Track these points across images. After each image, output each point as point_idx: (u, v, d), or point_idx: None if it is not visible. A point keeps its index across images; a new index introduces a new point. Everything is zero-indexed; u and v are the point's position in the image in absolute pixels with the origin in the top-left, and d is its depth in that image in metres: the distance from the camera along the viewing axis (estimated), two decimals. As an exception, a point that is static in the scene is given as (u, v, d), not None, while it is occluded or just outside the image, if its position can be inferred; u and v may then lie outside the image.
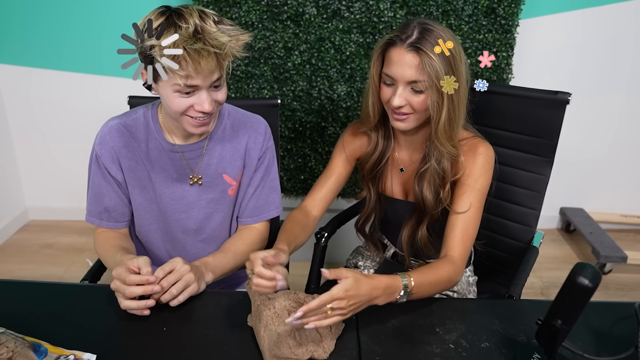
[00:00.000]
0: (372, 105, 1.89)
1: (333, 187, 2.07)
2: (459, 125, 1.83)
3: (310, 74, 3.29)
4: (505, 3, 3.12)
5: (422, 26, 1.72)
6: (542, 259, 2.78)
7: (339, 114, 3.37)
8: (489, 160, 1.87)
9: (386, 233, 2.21)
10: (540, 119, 2.16)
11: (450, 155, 1.85)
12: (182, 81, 1.57)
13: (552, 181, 2.25)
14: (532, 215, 2.27)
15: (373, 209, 2.10)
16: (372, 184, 2.07)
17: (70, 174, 4.11)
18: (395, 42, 1.74)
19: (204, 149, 1.90)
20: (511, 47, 3.24)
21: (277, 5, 3.14)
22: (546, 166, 2.19)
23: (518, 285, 2.02)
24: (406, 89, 1.75)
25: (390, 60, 1.76)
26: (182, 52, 1.52)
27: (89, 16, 3.62)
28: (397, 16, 3.15)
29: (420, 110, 1.78)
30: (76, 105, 3.91)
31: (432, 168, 1.88)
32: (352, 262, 2.29)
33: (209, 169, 1.92)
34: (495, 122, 2.08)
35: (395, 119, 1.82)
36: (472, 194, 1.84)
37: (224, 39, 1.57)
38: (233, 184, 1.96)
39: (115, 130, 1.87)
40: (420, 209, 1.95)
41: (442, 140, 1.81)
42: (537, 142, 2.19)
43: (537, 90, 2.18)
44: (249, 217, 2.02)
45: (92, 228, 2.00)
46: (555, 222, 4.34)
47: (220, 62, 1.60)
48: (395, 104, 1.76)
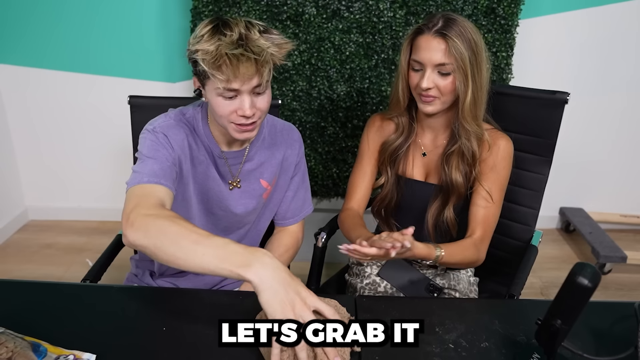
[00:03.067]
0: (401, 91, 2.02)
1: (369, 185, 2.22)
2: (482, 106, 1.98)
3: (309, 74, 3.28)
4: (505, 3, 3.13)
5: (447, 16, 1.89)
6: (542, 259, 2.78)
7: (339, 114, 3.37)
8: (510, 152, 2.02)
9: (400, 219, 2.22)
10: (540, 119, 2.20)
11: (476, 135, 1.98)
12: (222, 85, 1.65)
13: (552, 181, 2.26)
14: (531, 214, 2.29)
15: (390, 191, 2.16)
16: (391, 167, 2.15)
17: (70, 173, 4.12)
18: (423, 30, 1.90)
19: (244, 156, 1.98)
20: (511, 47, 3.25)
21: (276, 5, 3.14)
22: (545, 166, 2.22)
23: (518, 284, 2.03)
24: (434, 72, 1.90)
25: (418, 47, 1.91)
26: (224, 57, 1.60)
27: (89, 15, 3.62)
28: (397, 16, 3.15)
29: (447, 93, 1.92)
30: (76, 105, 3.91)
31: (463, 145, 1.99)
32: (355, 259, 2.26)
33: (249, 175, 2.01)
34: (495, 121, 2.09)
35: (423, 101, 1.95)
36: (495, 184, 2.00)
37: (264, 45, 1.63)
38: (268, 188, 2.05)
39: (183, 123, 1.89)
40: (447, 190, 2.04)
41: (468, 119, 1.95)
42: (536, 142, 2.21)
43: (536, 90, 2.22)
44: (291, 217, 2.16)
45: (92, 228, 2.00)
46: (555, 222, 4.34)
47: (260, 68, 1.66)
48: (424, 85, 1.90)
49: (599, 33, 3.68)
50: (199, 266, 1.35)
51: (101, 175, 4.10)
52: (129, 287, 1.88)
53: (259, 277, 1.29)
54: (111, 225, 4.10)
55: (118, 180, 3.24)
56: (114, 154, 3.99)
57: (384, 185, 2.17)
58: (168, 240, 1.41)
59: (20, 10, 3.62)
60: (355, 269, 2.25)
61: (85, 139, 4.00)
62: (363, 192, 2.21)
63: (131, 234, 1.45)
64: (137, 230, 1.45)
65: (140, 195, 1.59)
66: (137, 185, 1.63)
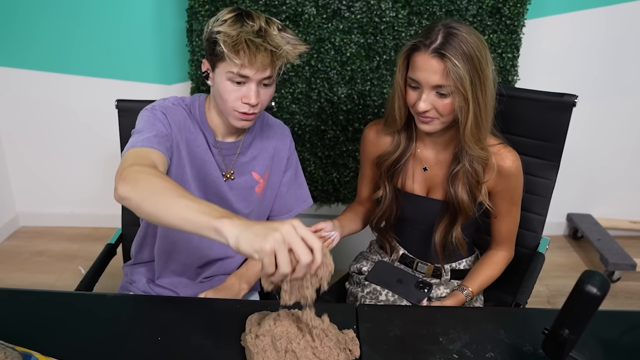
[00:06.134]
0: (398, 110, 1.96)
1: (371, 186, 2.25)
2: (487, 129, 1.90)
3: (309, 75, 3.29)
4: (510, 3, 3.12)
5: (447, 30, 1.78)
6: (549, 266, 2.78)
7: (339, 117, 3.36)
8: (519, 168, 2.00)
9: (399, 233, 2.22)
10: (546, 122, 2.19)
11: (481, 159, 1.94)
12: (236, 69, 1.75)
13: (559, 186, 2.26)
14: (537, 220, 2.29)
15: (389, 207, 2.14)
16: (389, 181, 2.12)
17: (61, 179, 4.13)
18: (419, 47, 1.80)
19: (239, 148, 2.04)
20: (517, 48, 3.24)
21: (275, 4, 3.14)
22: (552, 170, 2.21)
23: (525, 292, 2.04)
24: (431, 93, 1.82)
25: (414, 65, 1.83)
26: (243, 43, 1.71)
27: (80, 13, 3.62)
28: (399, 16, 3.15)
29: (446, 114, 1.85)
30: (68, 108, 3.91)
31: (465, 169, 1.96)
32: (356, 267, 2.28)
33: (242, 167, 2.06)
34: (500, 124, 2.08)
35: (421, 121, 1.90)
36: (511, 201, 2.04)
37: (281, 42, 1.74)
38: (260, 181, 2.10)
39: (182, 107, 1.97)
40: (454, 209, 2.02)
41: (470, 144, 1.89)
42: (543, 146, 2.21)
43: (543, 93, 2.21)
44: (286, 213, 2.21)
45: (85, 234, 2.01)
46: (562, 229, 4.33)
47: (274, 61, 1.76)
48: (420, 108, 1.83)
49: (609, 33, 3.67)
50: (179, 216, 1.33)
51: (93, 181, 4.10)
52: (123, 296, 1.88)
53: (235, 226, 1.24)
54: (104, 232, 4.07)
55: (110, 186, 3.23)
56: (106, 158, 3.99)
57: (382, 200, 2.16)
58: (154, 192, 1.42)
59: (5, 10, 3.63)
60: (355, 277, 2.25)
61: (77, 144, 4.00)
62: (368, 192, 2.27)
63: (121, 187, 1.47)
64: (127, 183, 1.46)
65: (135, 156, 1.63)
66: (132, 149, 1.68)
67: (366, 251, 2.36)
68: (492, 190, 2.01)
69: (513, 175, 1.98)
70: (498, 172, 1.96)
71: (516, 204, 2.04)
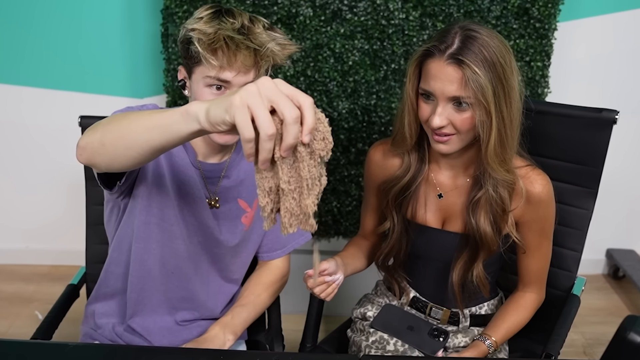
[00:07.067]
0: (408, 126, 1.94)
1: (377, 217, 2.23)
2: (512, 148, 1.89)
3: (305, 87, 3.27)
4: (540, 2, 3.11)
5: (465, 33, 1.77)
6: (585, 311, 2.78)
7: (340, 137, 3.35)
8: (550, 194, 1.99)
9: (409, 272, 2.21)
10: (582, 142, 2.19)
11: (507, 184, 1.91)
12: (214, 72, 1.75)
13: (597, 217, 2.26)
14: (572, 257, 2.29)
15: (397, 241, 2.12)
16: (398, 211, 2.10)
17: (13, 208, 4.10)
18: (433, 52, 1.79)
19: (223, 169, 2.04)
20: (548, 56, 3.24)
21: (264, 5, 3.13)
22: (589, 199, 2.22)
23: (557, 342, 2.03)
24: (447, 106, 1.80)
25: (428, 74, 1.81)
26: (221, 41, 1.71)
27: (27, 15, 3.59)
28: (410, 18, 3.15)
29: (465, 130, 1.83)
30: (17, 126, 3.86)
31: (489, 196, 1.93)
32: (360, 312, 2.27)
33: (227, 193, 2.06)
34: (528, 145, 2.07)
35: (436, 140, 1.87)
36: (542, 234, 2.03)
37: (266, 40, 1.74)
38: (248, 210, 2.10)
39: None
40: (474, 243, 2.00)
41: (493, 166, 1.86)
42: (578, 170, 2.21)
43: (578, 108, 2.21)
44: (278, 249, 2.22)
45: (42, 273, 2.02)
46: (601, 267, 4.31)
47: (258, 61, 1.76)
48: (435, 124, 1.81)
49: (655, 39, 3.66)
50: (144, 126, 1.33)
51: (52, 211, 4.08)
52: (87, 345, 1.89)
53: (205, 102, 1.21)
54: (65, 271, 4.01)
55: (72, 217, 3.24)
56: (67, 185, 3.97)
57: (389, 234, 2.14)
58: (114, 120, 1.43)
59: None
60: (359, 324, 2.25)
61: (31, 168, 3.98)
62: (372, 223, 2.26)
63: (81, 140, 1.48)
64: (86, 132, 1.48)
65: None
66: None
67: (371, 293, 2.36)
68: (520, 221, 2.01)
69: (544, 202, 1.97)
70: (527, 199, 1.95)
71: (547, 237, 2.04)
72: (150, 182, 1.92)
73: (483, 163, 1.88)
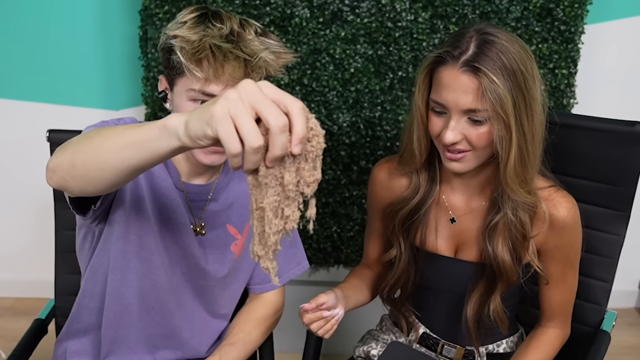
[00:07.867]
0: (417, 142, 1.93)
1: (383, 244, 2.23)
2: (534, 166, 1.88)
3: (301, 97, 3.25)
4: (565, 2, 3.09)
5: (481, 37, 1.77)
6: (616, 348, 2.80)
7: (340, 153, 3.34)
8: (576, 218, 1.97)
9: (418, 305, 2.21)
10: (613, 159, 2.18)
11: (528, 206, 1.91)
12: (199, 85, 1.72)
13: (629, 244, 2.26)
14: (601, 289, 2.29)
15: (405, 271, 2.11)
16: (405, 237, 2.09)
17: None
18: (445, 59, 1.78)
19: (210, 192, 2.03)
20: (574, 62, 3.23)
21: (256, 5, 3.10)
22: (620, 223, 2.22)
23: (585, 382, 2.05)
24: (462, 119, 1.79)
25: (439, 83, 1.80)
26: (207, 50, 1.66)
27: None
28: (419, 20, 3.14)
29: (481, 146, 1.82)
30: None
31: (508, 220, 1.92)
32: (363, 350, 2.28)
33: (214, 217, 2.05)
34: (552, 162, 2.08)
35: (448, 158, 1.86)
36: (566, 263, 2.02)
37: (257, 48, 1.70)
38: (238, 237, 2.08)
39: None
40: (491, 273, 1.98)
41: (512, 186, 1.85)
42: (607, 190, 2.21)
43: (608, 121, 2.21)
44: (269, 280, 2.09)
45: (6, 307, 2.04)
46: (634, 300, 4.32)
47: (249, 72, 1.72)
48: (448, 140, 1.80)
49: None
50: (119, 144, 1.31)
51: (19, 238, 4.06)
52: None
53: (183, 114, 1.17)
54: (31, 304, 4.03)
55: (40, 244, 3.24)
56: (34, 208, 3.96)
57: (395, 263, 2.13)
58: (85, 138, 1.42)
59: None
60: (362, 363, 2.26)
61: None
62: (377, 251, 2.26)
63: (50, 161, 1.48)
64: (56, 152, 1.48)
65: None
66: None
67: (376, 329, 2.37)
68: (542, 248, 2.00)
69: (569, 228, 1.96)
70: (550, 224, 1.94)
71: (573, 267, 2.04)
72: (129, 206, 1.91)
73: (501, 183, 1.87)
